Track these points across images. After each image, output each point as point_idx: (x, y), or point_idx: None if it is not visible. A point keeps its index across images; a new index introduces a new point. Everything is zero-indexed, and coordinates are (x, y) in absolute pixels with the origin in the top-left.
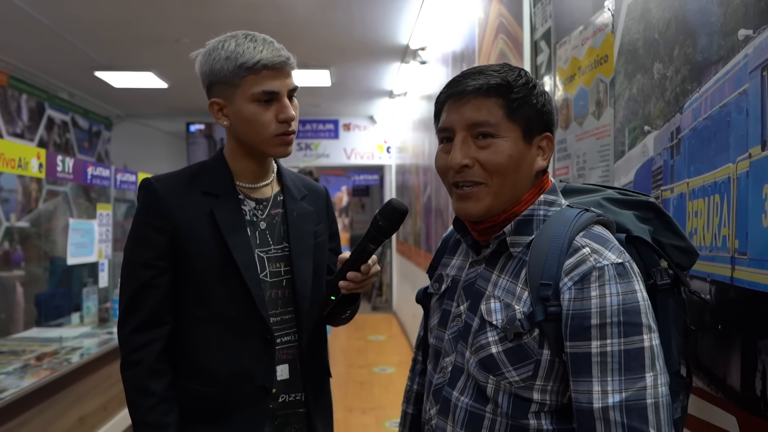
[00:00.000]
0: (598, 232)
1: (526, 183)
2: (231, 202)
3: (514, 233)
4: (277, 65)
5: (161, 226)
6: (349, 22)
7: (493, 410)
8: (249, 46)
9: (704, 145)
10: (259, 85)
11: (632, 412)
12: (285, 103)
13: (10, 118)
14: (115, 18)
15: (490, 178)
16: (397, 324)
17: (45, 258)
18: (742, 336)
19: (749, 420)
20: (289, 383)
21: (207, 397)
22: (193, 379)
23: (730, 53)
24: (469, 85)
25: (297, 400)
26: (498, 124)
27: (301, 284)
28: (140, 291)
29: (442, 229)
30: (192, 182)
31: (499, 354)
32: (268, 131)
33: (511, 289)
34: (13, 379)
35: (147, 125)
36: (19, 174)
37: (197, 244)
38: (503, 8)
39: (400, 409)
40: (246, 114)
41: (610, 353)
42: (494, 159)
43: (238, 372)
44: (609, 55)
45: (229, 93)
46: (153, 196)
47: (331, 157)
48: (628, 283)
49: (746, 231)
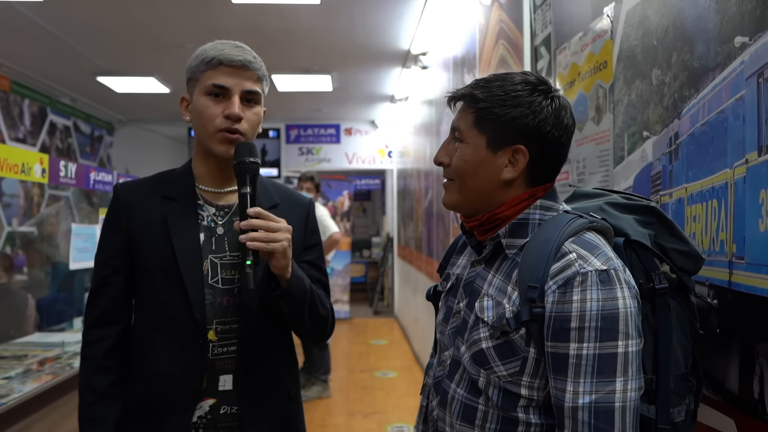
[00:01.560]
0: (588, 239)
1: (491, 189)
2: (187, 207)
3: (509, 236)
4: (234, 63)
5: (117, 226)
6: (350, 27)
7: (485, 402)
8: (217, 47)
9: (702, 151)
10: (212, 79)
11: (600, 414)
12: (234, 100)
13: (13, 123)
14: (117, 23)
15: (456, 177)
16: (398, 328)
17: (47, 263)
18: (740, 340)
19: (747, 423)
20: (231, 395)
21: (144, 396)
22: (136, 378)
23: (726, 60)
24: (452, 92)
25: (233, 414)
26: (466, 130)
27: (246, 294)
28: (98, 288)
29: (443, 233)
30: (155, 187)
31: (489, 349)
32: (213, 125)
33: (502, 289)
34: (15, 384)
35: (149, 130)
36: (22, 179)
37: (147, 246)
38: (504, 14)
39: (401, 413)
40: (197, 106)
41: (585, 356)
42: (455, 162)
43: (171, 374)
44: (608, 61)
45: (192, 88)
46: (114, 198)
47: (332, 161)
48: (609, 290)
49: (743, 236)
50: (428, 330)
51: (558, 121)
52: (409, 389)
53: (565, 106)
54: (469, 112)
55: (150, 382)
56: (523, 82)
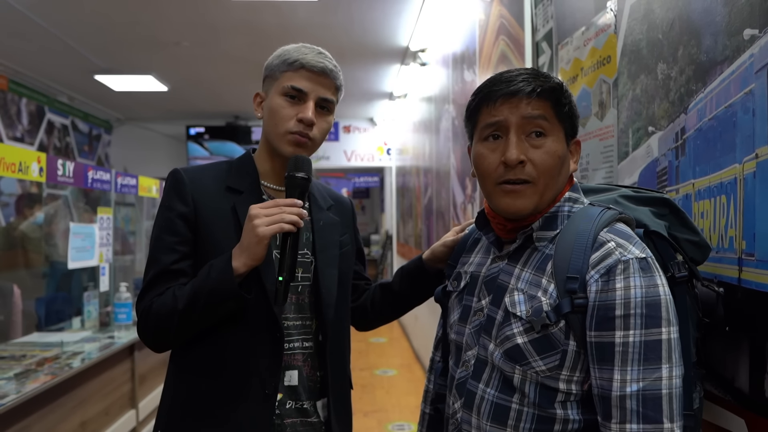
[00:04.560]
0: (621, 229)
1: (563, 184)
2: (254, 199)
3: (541, 228)
4: (315, 68)
5: (184, 212)
6: (348, 24)
7: (520, 400)
8: (300, 50)
9: (710, 146)
10: (291, 81)
11: (648, 401)
12: (309, 105)
13: (10, 122)
14: (114, 21)
15: (539, 177)
16: (398, 326)
17: (45, 262)
18: (750, 338)
19: (758, 422)
20: (296, 390)
21: (211, 391)
22: (199, 373)
23: (735, 53)
24: (523, 87)
25: (304, 409)
26: (553, 123)
27: (326, 292)
28: (160, 275)
29: (443, 230)
30: (218, 177)
31: (525, 344)
32: (285, 126)
33: (535, 282)
34: (13, 385)
35: (147, 128)
36: (20, 178)
37: (218, 236)
38: (504, 9)
39: (402, 411)
40: (272, 105)
41: (631, 344)
42: (547, 159)
43: (244, 367)
44: (612, 56)
45: (269, 86)
46: (179, 183)
47: (331, 159)
48: (651, 277)
49: (753, 232)
50: (428, 328)
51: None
52: (409, 387)
53: None
54: (550, 105)
55: (218, 374)
56: None
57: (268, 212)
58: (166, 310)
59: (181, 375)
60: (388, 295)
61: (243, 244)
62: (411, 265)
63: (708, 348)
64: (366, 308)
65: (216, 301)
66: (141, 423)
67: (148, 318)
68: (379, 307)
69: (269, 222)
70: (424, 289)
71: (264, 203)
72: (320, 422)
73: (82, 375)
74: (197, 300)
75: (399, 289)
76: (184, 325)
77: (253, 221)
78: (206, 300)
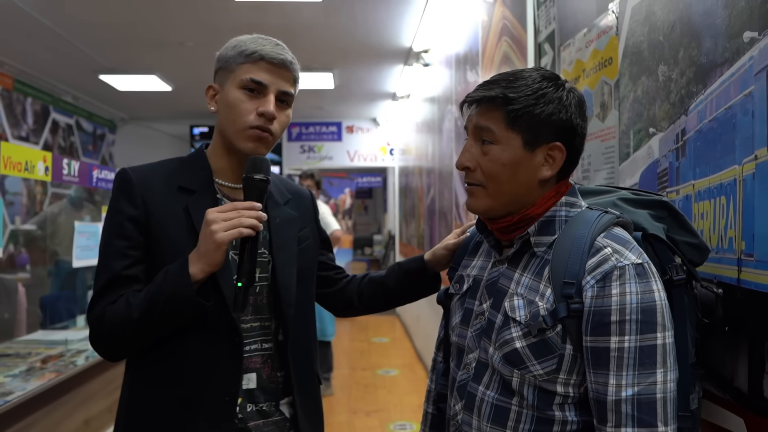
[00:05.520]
0: (619, 234)
1: (528, 190)
2: (207, 199)
3: (538, 233)
4: (274, 60)
5: (134, 213)
6: (352, 24)
7: (519, 403)
8: (258, 41)
9: (710, 147)
10: (250, 74)
11: (642, 405)
12: (270, 99)
13: (15, 121)
14: (119, 21)
15: (487, 182)
16: (400, 326)
17: (50, 261)
18: (749, 338)
19: (757, 422)
20: (253, 393)
21: (169, 401)
22: (156, 384)
23: (735, 55)
24: (477, 94)
25: (264, 411)
26: (498, 132)
27: (285, 291)
28: (112, 282)
29: (445, 231)
30: (168, 176)
31: (524, 348)
32: (244, 120)
33: (534, 287)
34: (18, 382)
35: (151, 128)
36: (25, 177)
37: (170, 239)
38: (507, 11)
39: (404, 411)
40: (230, 98)
41: (627, 349)
42: (490, 167)
43: (202, 375)
44: (613, 57)
45: (224, 78)
46: (127, 184)
47: (334, 159)
48: (646, 282)
49: (753, 233)
50: (430, 328)
51: (581, 113)
52: (411, 387)
53: (582, 98)
54: (499, 113)
55: (180, 383)
56: (543, 78)
57: (226, 216)
58: (120, 319)
59: (136, 386)
60: (380, 290)
61: (200, 250)
62: (411, 264)
63: (707, 348)
64: (352, 299)
65: (173, 308)
66: None
67: (101, 327)
68: (368, 301)
69: (227, 227)
70: (421, 289)
71: (221, 207)
72: (284, 419)
73: (86, 373)
74: (153, 308)
75: (394, 286)
76: (139, 334)
77: (210, 226)
78: (163, 307)
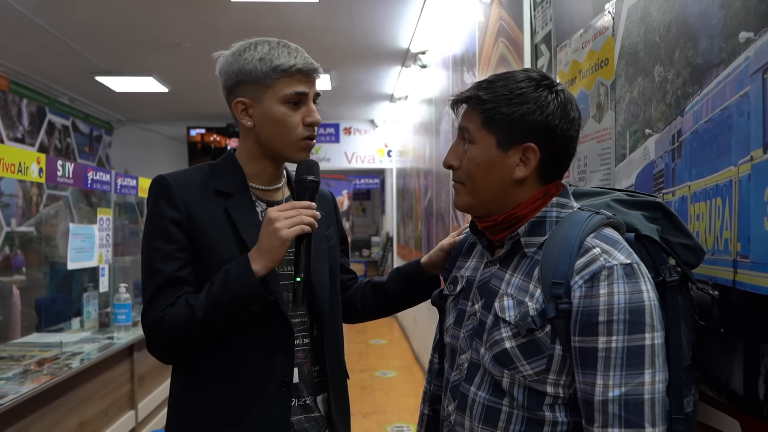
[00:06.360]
0: (608, 234)
1: (503, 189)
2: (245, 201)
3: (528, 234)
4: (309, 71)
5: (178, 218)
6: (349, 26)
7: (509, 403)
8: (283, 51)
9: (706, 148)
10: (291, 87)
11: (630, 406)
12: (312, 107)
13: (11, 122)
14: (115, 22)
15: (466, 180)
16: (398, 328)
17: (45, 263)
18: (744, 340)
19: (753, 424)
20: (298, 387)
21: (230, 396)
22: (216, 380)
23: (731, 56)
24: (456, 96)
25: (307, 405)
26: (474, 132)
27: (319, 287)
28: (166, 284)
29: (443, 232)
30: (204, 180)
31: (513, 349)
32: (295, 134)
33: (523, 287)
34: (13, 385)
35: (148, 130)
36: (20, 179)
37: (215, 240)
38: (503, 12)
39: (401, 413)
40: (275, 114)
41: (614, 349)
42: (468, 165)
43: (258, 367)
44: (609, 58)
45: (258, 93)
46: (168, 190)
47: (332, 161)
48: (635, 283)
49: (748, 234)
50: (428, 330)
51: (565, 114)
52: (408, 389)
53: (570, 99)
54: (476, 114)
55: (237, 379)
56: (527, 78)
57: (288, 215)
58: (184, 320)
59: (190, 386)
60: (381, 295)
61: (263, 247)
62: (408, 268)
63: (703, 350)
64: (355, 304)
65: (239, 306)
66: (140, 424)
67: (163, 329)
68: (371, 306)
69: (290, 224)
70: (419, 292)
71: (281, 206)
72: (322, 417)
73: (81, 375)
74: (218, 306)
75: (394, 291)
76: (203, 334)
77: (274, 224)
78: (228, 306)
